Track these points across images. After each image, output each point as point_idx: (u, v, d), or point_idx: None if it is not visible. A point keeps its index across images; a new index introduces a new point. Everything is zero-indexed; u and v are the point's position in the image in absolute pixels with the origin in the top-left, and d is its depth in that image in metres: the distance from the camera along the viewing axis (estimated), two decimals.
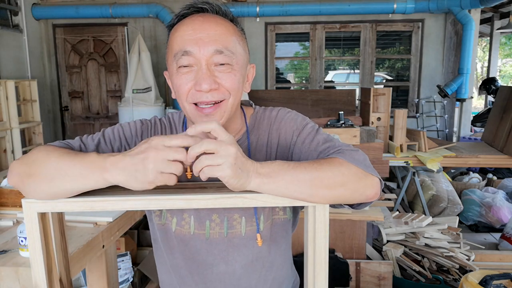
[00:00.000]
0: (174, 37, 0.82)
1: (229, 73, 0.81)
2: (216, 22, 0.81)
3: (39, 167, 0.72)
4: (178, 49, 0.80)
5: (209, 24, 0.80)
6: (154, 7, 5.16)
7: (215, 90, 0.80)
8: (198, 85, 0.79)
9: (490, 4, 4.49)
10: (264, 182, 0.70)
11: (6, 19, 4.76)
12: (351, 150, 0.80)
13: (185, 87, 0.80)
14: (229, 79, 0.81)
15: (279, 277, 0.97)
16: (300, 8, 5.20)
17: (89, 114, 5.82)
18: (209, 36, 0.79)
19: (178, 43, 0.80)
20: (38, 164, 0.73)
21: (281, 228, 0.93)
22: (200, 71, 0.79)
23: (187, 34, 0.80)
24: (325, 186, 0.72)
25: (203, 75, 0.78)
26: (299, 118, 0.93)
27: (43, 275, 0.73)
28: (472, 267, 2.63)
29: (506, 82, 14.55)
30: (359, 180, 0.76)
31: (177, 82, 0.81)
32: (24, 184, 0.73)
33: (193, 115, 0.82)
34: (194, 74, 0.80)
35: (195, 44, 0.78)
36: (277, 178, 0.70)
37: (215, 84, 0.79)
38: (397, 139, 3.59)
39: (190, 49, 0.79)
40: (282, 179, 0.70)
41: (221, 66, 0.80)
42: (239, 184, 0.69)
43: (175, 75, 0.82)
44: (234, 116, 0.88)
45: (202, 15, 0.82)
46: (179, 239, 0.91)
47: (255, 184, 0.70)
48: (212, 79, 0.79)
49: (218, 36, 0.79)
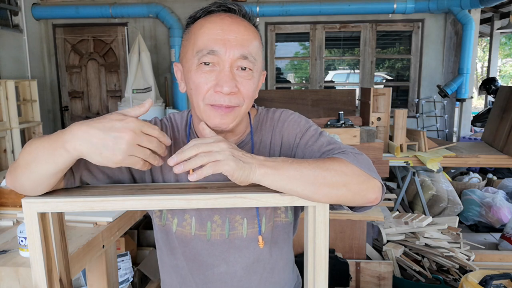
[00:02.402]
0: (200, 32, 0.80)
1: (249, 80, 0.81)
2: (245, 26, 0.80)
3: (20, 158, 0.74)
4: (204, 46, 0.78)
5: (237, 26, 0.79)
6: (154, 7, 5.16)
7: (234, 94, 0.79)
8: (219, 86, 0.78)
9: (490, 4, 4.49)
10: (268, 173, 0.70)
11: (6, 19, 4.76)
12: (355, 153, 0.80)
13: (204, 86, 0.79)
14: (247, 86, 0.80)
15: (281, 279, 0.97)
16: (300, 8, 5.20)
17: (89, 114, 5.82)
18: (237, 39, 0.78)
19: (204, 40, 0.78)
20: (20, 156, 0.74)
21: (282, 231, 0.93)
22: (222, 72, 0.78)
23: (215, 33, 0.78)
24: (327, 184, 0.72)
25: (226, 77, 0.78)
26: (303, 120, 0.93)
27: (43, 275, 0.73)
28: (472, 267, 2.63)
29: (506, 82, 14.54)
30: (362, 182, 0.75)
31: (197, 80, 0.80)
32: (13, 180, 0.75)
33: (206, 115, 0.81)
34: (216, 74, 0.78)
35: (223, 45, 0.77)
36: (281, 170, 0.71)
37: (235, 88, 0.79)
38: (397, 139, 3.59)
39: (217, 49, 0.77)
40: (286, 173, 0.71)
41: (243, 71, 0.80)
42: (244, 175, 0.69)
43: (194, 71, 0.80)
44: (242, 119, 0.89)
45: (230, 16, 0.81)
46: (180, 240, 0.90)
47: (260, 174, 0.70)
48: (233, 83, 0.78)
49: (246, 41, 0.79)
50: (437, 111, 5.56)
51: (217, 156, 0.67)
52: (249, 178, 0.69)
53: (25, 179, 0.72)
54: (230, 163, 0.67)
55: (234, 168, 0.67)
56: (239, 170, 0.68)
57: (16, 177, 0.74)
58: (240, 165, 0.68)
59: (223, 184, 0.79)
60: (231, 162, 0.67)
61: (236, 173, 0.68)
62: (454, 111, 5.50)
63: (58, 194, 0.75)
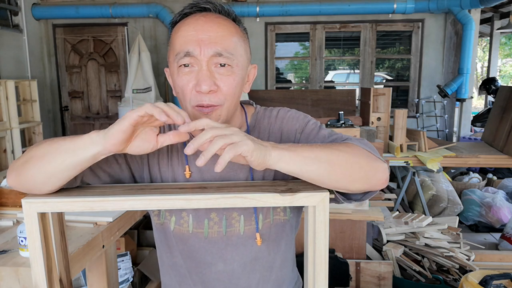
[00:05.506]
0: (176, 36, 0.82)
1: (229, 76, 0.81)
2: (219, 23, 0.81)
3: (33, 151, 0.74)
4: (180, 49, 0.80)
5: (211, 25, 0.80)
6: (154, 7, 5.16)
7: (213, 93, 0.80)
8: (198, 85, 0.79)
9: (490, 4, 4.49)
10: (284, 154, 0.69)
11: (6, 19, 4.76)
12: (359, 139, 0.82)
13: (187, 88, 0.81)
14: (227, 82, 0.81)
15: (279, 278, 0.97)
16: (300, 8, 5.20)
17: (89, 114, 5.82)
18: (210, 38, 0.79)
19: (180, 43, 0.81)
20: (33, 150, 0.75)
21: (281, 229, 0.93)
22: (200, 72, 0.79)
23: (189, 35, 0.80)
24: (341, 164, 0.72)
25: (204, 76, 0.79)
26: (301, 116, 0.93)
27: (43, 275, 0.73)
28: (472, 267, 2.63)
29: (506, 82, 14.54)
30: (372, 162, 0.77)
31: (180, 83, 0.82)
32: (21, 173, 0.74)
33: (194, 116, 0.83)
34: (195, 74, 0.80)
35: (197, 46, 0.79)
36: (295, 151, 0.70)
37: (214, 86, 0.79)
38: (397, 139, 3.59)
39: (192, 50, 0.79)
40: (301, 153, 0.70)
41: (221, 68, 0.80)
42: (261, 156, 0.67)
43: (176, 74, 0.82)
44: (234, 115, 0.89)
45: (204, 15, 0.82)
46: (178, 238, 0.91)
47: (275, 156, 0.68)
48: (212, 81, 0.79)
49: (219, 38, 0.80)
50: (437, 111, 5.56)
51: (233, 138, 0.65)
52: (266, 160, 0.68)
53: (38, 171, 0.72)
54: (248, 142, 0.65)
55: (252, 148, 0.65)
56: (257, 150, 0.66)
57: (26, 171, 0.73)
58: (257, 146, 0.66)
59: (223, 184, 0.79)
60: (249, 141, 0.65)
61: (255, 153, 0.65)
62: (454, 111, 5.51)
63: (58, 194, 0.75)
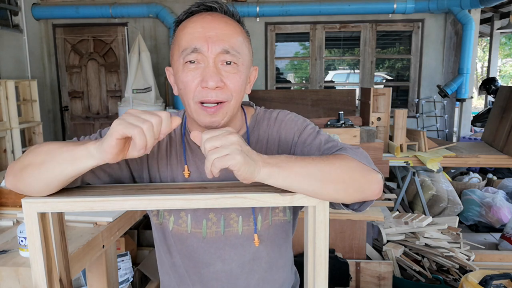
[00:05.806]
0: (183, 33, 0.82)
1: (235, 74, 0.82)
2: (225, 22, 0.82)
3: (31, 157, 0.74)
4: (187, 46, 0.80)
5: (218, 23, 0.81)
6: (154, 7, 5.16)
7: (220, 89, 0.80)
8: (204, 81, 0.79)
9: (490, 4, 4.49)
10: (274, 171, 0.69)
11: (6, 19, 4.76)
12: (354, 149, 0.81)
13: (192, 84, 0.81)
14: (234, 80, 0.81)
15: (278, 279, 0.97)
16: (300, 8, 5.20)
17: (89, 114, 5.82)
18: (218, 35, 0.80)
19: (187, 40, 0.81)
20: (30, 156, 0.74)
21: (280, 230, 0.93)
22: (207, 68, 0.80)
23: (196, 32, 0.80)
24: (334, 179, 0.72)
25: (210, 72, 0.79)
26: (300, 119, 0.94)
27: (43, 275, 0.73)
28: (472, 267, 2.63)
29: (506, 82, 14.54)
30: (365, 175, 0.76)
31: (184, 79, 0.81)
32: (19, 179, 0.74)
33: (197, 113, 0.83)
34: (201, 71, 0.80)
35: (205, 42, 0.79)
36: (286, 168, 0.70)
37: (221, 82, 0.80)
38: (397, 139, 3.59)
39: (199, 46, 0.79)
40: (291, 171, 0.70)
41: (227, 66, 0.81)
42: (249, 172, 0.67)
43: (181, 71, 0.82)
44: (235, 116, 0.89)
45: (211, 14, 0.83)
46: (176, 238, 0.91)
47: (265, 173, 0.68)
48: (218, 77, 0.79)
49: (226, 36, 0.80)
50: (437, 111, 5.56)
51: (223, 151, 0.65)
52: (253, 176, 0.68)
53: (36, 179, 0.72)
54: (236, 157, 0.64)
55: (241, 163, 0.65)
56: (246, 165, 0.66)
57: (24, 177, 0.73)
58: (246, 160, 0.66)
59: (223, 184, 0.79)
60: (238, 156, 0.64)
61: (242, 167, 0.65)
62: (454, 111, 5.50)
63: (58, 194, 0.75)
